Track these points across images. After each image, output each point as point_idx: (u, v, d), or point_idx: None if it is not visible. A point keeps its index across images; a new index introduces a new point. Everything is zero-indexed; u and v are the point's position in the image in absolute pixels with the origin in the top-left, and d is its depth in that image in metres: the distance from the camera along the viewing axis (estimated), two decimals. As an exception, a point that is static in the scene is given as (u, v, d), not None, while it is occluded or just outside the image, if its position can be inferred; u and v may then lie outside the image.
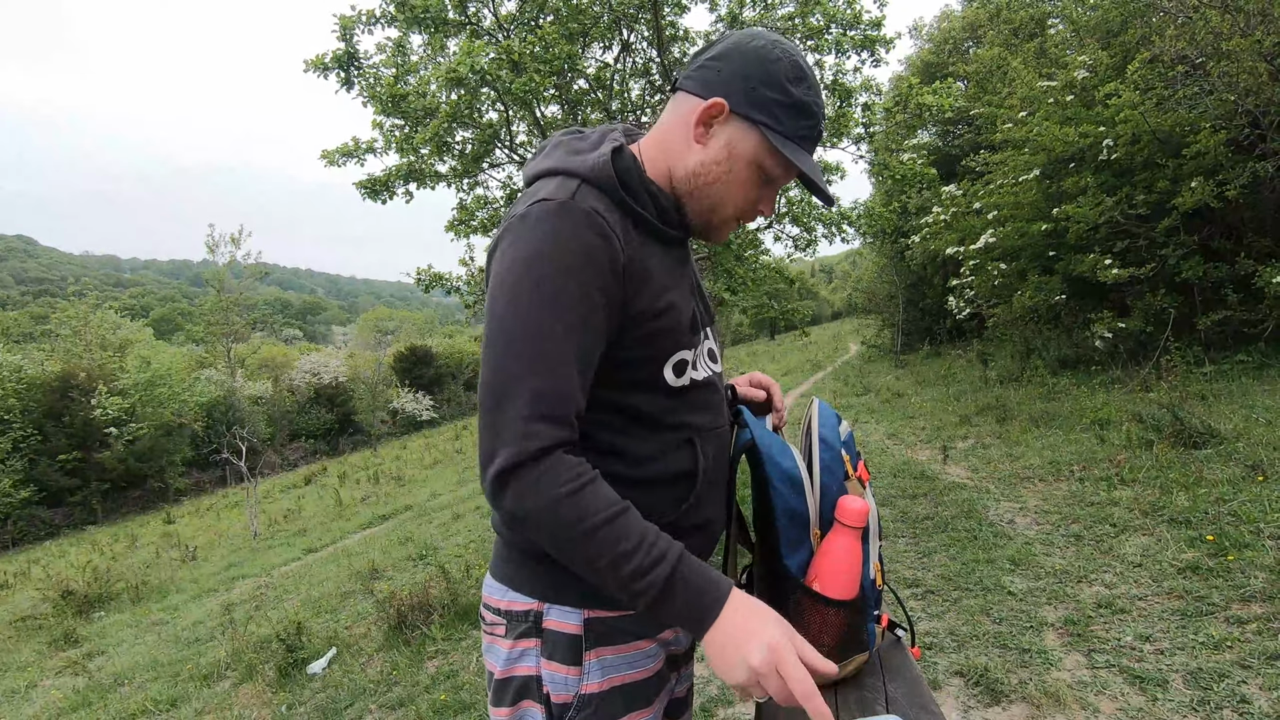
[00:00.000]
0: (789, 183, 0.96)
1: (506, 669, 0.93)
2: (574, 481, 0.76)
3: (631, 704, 0.91)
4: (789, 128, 0.87)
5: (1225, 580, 2.84)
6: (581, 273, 0.80)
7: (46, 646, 6.95)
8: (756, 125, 0.86)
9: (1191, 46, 6.67)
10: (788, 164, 0.88)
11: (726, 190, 0.90)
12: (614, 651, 0.91)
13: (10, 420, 20.61)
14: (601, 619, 0.90)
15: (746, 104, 0.86)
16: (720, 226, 0.96)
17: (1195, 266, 6.78)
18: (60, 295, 40.32)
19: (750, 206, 0.93)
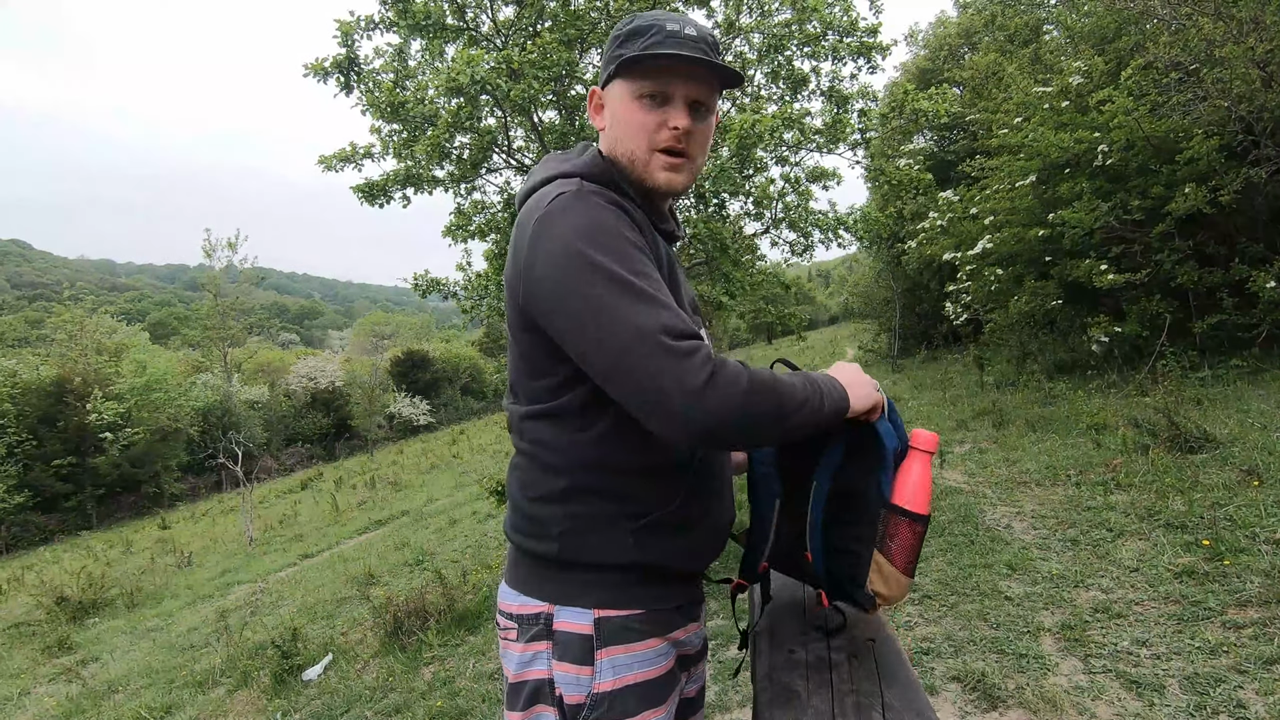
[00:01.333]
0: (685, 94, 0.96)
1: (519, 673, 0.95)
2: (743, 370, 0.82)
3: (644, 703, 0.91)
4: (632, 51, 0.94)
5: (1221, 585, 2.84)
6: (625, 231, 0.88)
7: (40, 653, 6.90)
8: (614, 78, 0.97)
9: (1185, 53, 6.72)
10: (655, 78, 0.94)
11: (627, 133, 0.97)
12: (625, 650, 0.92)
13: (4, 425, 20.50)
14: (610, 618, 0.92)
15: (605, 75, 0.99)
16: (648, 167, 0.98)
17: (1190, 272, 6.82)
18: (56, 299, 40.13)
19: (656, 129, 0.96)
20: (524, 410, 0.98)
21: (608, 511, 0.94)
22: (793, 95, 4.75)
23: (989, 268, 9.16)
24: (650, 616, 0.94)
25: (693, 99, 0.96)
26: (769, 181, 4.79)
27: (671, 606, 0.98)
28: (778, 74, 4.67)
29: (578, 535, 0.94)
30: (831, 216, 4.76)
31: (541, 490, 0.97)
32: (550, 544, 0.95)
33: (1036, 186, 8.33)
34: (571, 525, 0.95)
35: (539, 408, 0.96)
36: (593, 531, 0.94)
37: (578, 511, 0.95)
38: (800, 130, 4.29)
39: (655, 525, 0.95)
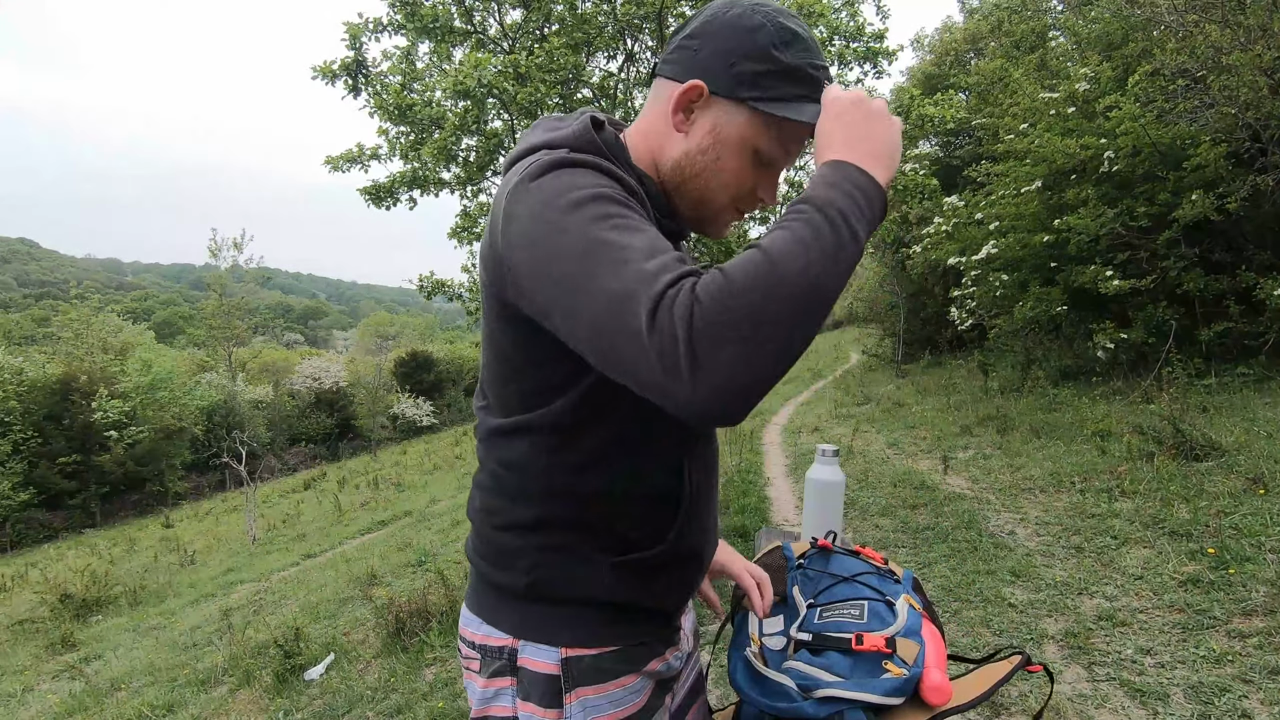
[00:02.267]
0: (795, 160, 0.84)
1: (481, 708, 0.88)
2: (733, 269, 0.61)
3: None
4: (783, 95, 0.77)
5: (1226, 594, 2.83)
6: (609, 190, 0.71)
7: (43, 650, 6.93)
8: (743, 103, 0.77)
9: (1192, 60, 6.70)
10: (787, 138, 0.80)
11: (716, 179, 0.81)
12: (595, 691, 0.84)
13: (10, 423, 20.60)
14: (580, 657, 0.83)
15: (729, 82, 0.77)
16: (715, 219, 0.87)
17: (1196, 279, 6.80)
18: (62, 298, 40.36)
19: (747, 194, 0.84)
20: (495, 423, 0.85)
21: (585, 546, 0.84)
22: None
23: (994, 273, 9.14)
24: (624, 653, 0.86)
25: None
26: (774, 185, 4.80)
27: (644, 639, 0.89)
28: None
29: (548, 570, 0.84)
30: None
31: (509, 518, 0.86)
32: (517, 576, 0.85)
33: (1042, 192, 8.32)
34: (542, 559, 0.84)
35: (512, 420, 0.82)
36: (566, 567, 0.84)
37: (550, 544, 0.84)
38: (805, 134, 4.29)
39: (639, 563, 0.85)
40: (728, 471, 7.01)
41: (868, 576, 1.23)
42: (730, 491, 6.12)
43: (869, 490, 5.68)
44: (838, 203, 0.65)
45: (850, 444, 7.72)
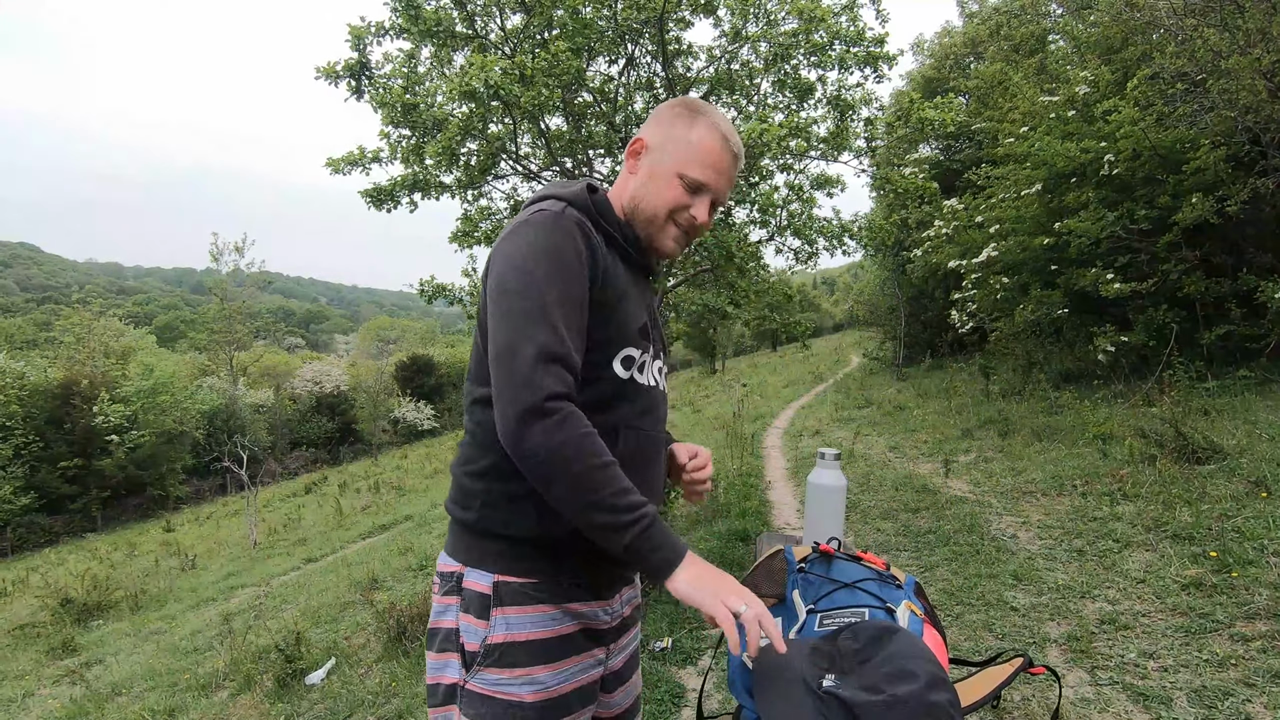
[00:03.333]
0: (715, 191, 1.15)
1: (435, 621, 1.10)
2: (588, 427, 0.94)
3: (533, 658, 1.03)
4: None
5: (1229, 597, 2.83)
6: (571, 262, 1.01)
7: (44, 655, 6.93)
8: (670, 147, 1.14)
9: (1191, 64, 6.71)
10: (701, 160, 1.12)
11: (657, 201, 1.14)
12: (517, 611, 1.04)
13: (12, 427, 20.60)
14: (507, 583, 1.05)
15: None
16: (660, 235, 1.16)
17: (1197, 282, 6.79)
18: (64, 302, 40.42)
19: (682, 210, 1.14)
20: (475, 393, 1.11)
21: (521, 490, 1.04)
22: (799, 104, 4.77)
23: (994, 276, 9.14)
24: (544, 585, 1.06)
25: (716, 201, 1.17)
26: (773, 189, 4.80)
27: (569, 580, 1.08)
28: (784, 83, 4.69)
29: (492, 508, 1.07)
30: (836, 224, 4.76)
31: (472, 466, 1.10)
32: (471, 514, 1.09)
33: (1042, 195, 8.33)
34: (488, 499, 1.08)
35: (483, 390, 1.06)
36: (504, 507, 1.07)
37: (495, 488, 1.07)
38: (805, 138, 4.30)
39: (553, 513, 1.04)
40: (729, 475, 7.00)
41: (869, 583, 1.23)
42: (731, 495, 6.11)
43: (870, 494, 5.68)
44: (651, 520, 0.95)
45: (851, 447, 7.72)
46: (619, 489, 0.94)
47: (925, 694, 0.91)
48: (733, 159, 1.15)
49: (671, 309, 5.48)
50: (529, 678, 1.03)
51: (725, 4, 4.63)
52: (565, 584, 1.08)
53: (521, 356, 0.94)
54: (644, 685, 2.93)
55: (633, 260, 1.17)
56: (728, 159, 1.14)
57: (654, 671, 3.07)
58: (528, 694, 1.02)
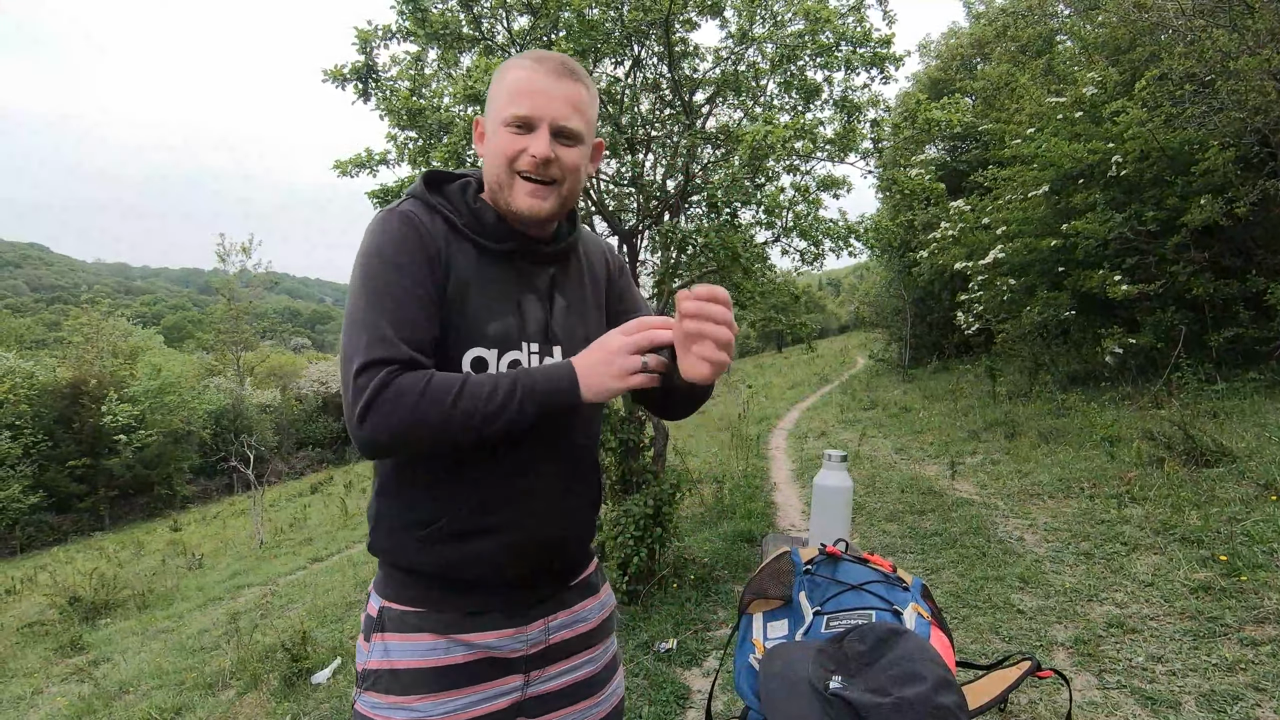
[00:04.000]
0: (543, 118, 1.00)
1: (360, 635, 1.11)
2: (420, 381, 0.90)
3: (410, 688, 1.00)
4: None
5: (1238, 601, 2.81)
6: (395, 254, 0.97)
7: (52, 653, 6.96)
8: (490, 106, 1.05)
9: (1200, 65, 6.68)
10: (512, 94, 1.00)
11: (494, 161, 1.02)
12: (399, 638, 1.02)
13: (21, 426, 20.74)
14: (391, 608, 1.04)
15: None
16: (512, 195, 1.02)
17: (1205, 284, 6.75)
18: (73, 302, 40.67)
19: (517, 155, 1.00)
20: None
21: (401, 516, 1.03)
22: (805, 105, 4.77)
23: (1001, 277, 9.11)
24: (429, 614, 1.03)
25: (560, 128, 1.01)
26: (779, 190, 4.81)
27: (461, 610, 1.03)
28: (790, 84, 4.69)
29: (379, 532, 1.06)
30: (842, 225, 4.75)
31: (372, 484, 1.10)
32: (369, 533, 1.09)
33: (1049, 197, 8.30)
34: (376, 523, 1.06)
35: None
36: (389, 531, 1.05)
37: (381, 510, 1.06)
38: (811, 140, 4.30)
39: (440, 535, 1.01)
40: (734, 476, 7.00)
41: (875, 585, 1.22)
42: (737, 496, 6.10)
43: (876, 495, 5.66)
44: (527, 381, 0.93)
45: (857, 449, 7.70)
46: (484, 396, 0.90)
47: (932, 696, 0.91)
48: (550, 75, 1.00)
49: (676, 310, 5.48)
50: (405, 706, 1.00)
51: (732, 5, 4.63)
52: (455, 614, 1.03)
53: (350, 366, 0.91)
54: (650, 687, 2.94)
55: (485, 245, 1.04)
56: (543, 78, 0.99)
57: (659, 673, 3.07)
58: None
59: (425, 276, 0.97)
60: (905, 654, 0.98)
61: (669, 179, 4.77)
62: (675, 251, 4.24)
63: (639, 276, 4.80)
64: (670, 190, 4.68)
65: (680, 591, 3.96)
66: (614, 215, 4.80)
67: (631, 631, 3.59)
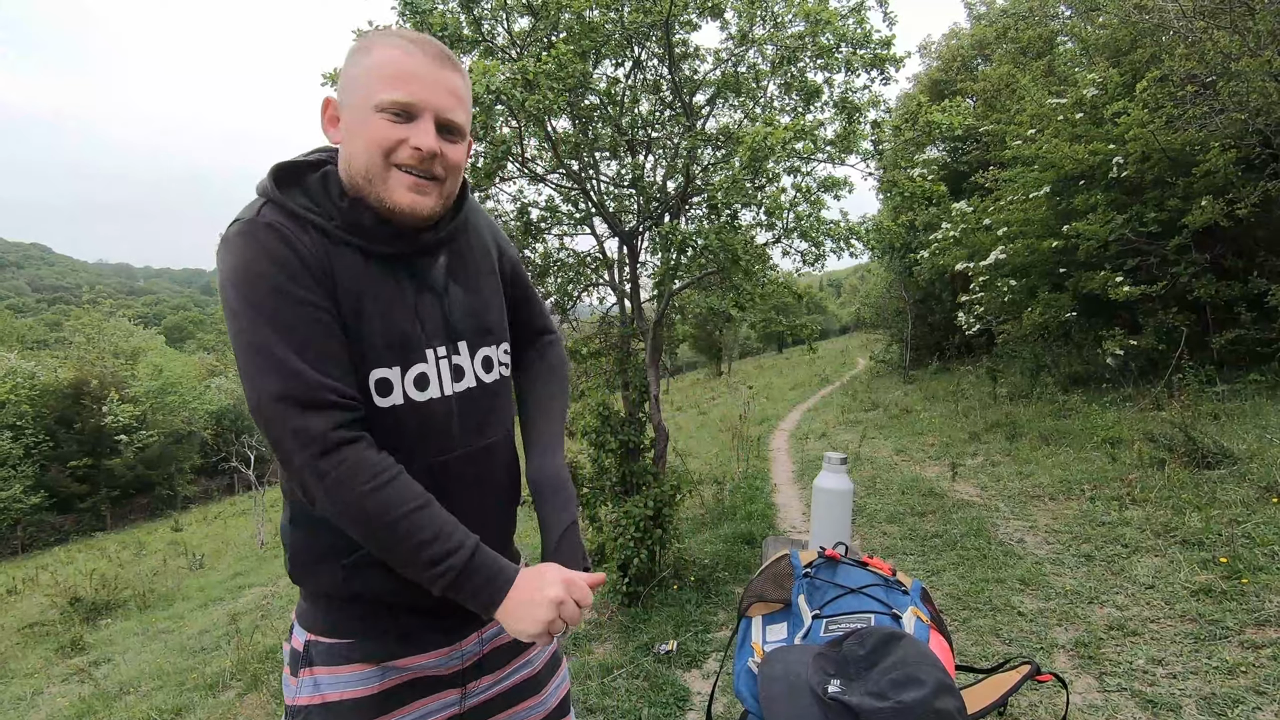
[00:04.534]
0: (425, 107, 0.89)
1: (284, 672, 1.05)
2: (375, 479, 0.83)
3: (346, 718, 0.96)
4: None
5: (1239, 604, 2.80)
6: (277, 280, 0.83)
7: (53, 653, 6.97)
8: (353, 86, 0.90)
9: (1201, 66, 6.68)
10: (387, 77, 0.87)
11: (362, 152, 0.89)
12: (328, 671, 0.97)
13: (23, 426, 20.79)
14: (318, 642, 0.98)
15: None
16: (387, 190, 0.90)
17: (1207, 285, 6.75)
18: (75, 303, 40.76)
19: (396, 147, 0.88)
20: None
21: (321, 544, 0.95)
22: (805, 107, 4.77)
23: (1002, 279, 9.11)
24: (360, 645, 0.97)
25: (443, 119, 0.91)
26: (780, 191, 4.81)
27: (392, 635, 0.99)
28: (791, 85, 4.69)
29: (299, 564, 0.98)
30: (844, 226, 4.75)
31: (284, 514, 1.02)
32: (287, 564, 1.01)
33: (1051, 198, 8.29)
34: (294, 553, 0.99)
35: None
36: (309, 561, 0.97)
37: (299, 540, 0.98)
38: (812, 141, 4.30)
39: (365, 560, 0.93)
40: (734, 477, 6.99)
41: (875, 589, 1.22)
42: (737, 498, 6.10)
43: (876, 497, 5.66)
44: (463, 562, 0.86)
45: (857, 450, 7.69)
46: (419, 541, 0.83)
47: (932, 700, 0.91)
48: (432, 61, 0.89)
49: (677, 311, 5.48)
50: None
51: (732, 6, 4.63)
52: (386, 640, 0.98)
53: (267, 415, 0.81)
54: (649, 688, 2.94)
55: (379, 250, 0.92)
56: (424, 63, 0.88)
57: (659, 675, 3.07)
58: None
59: (325, 300, 0.86)
60: (904, 658, 0.98)
61: (669, 180, 4.77)
62: (675, 253, 4.24)
63: (639, 278, 4.81)
64: (670, 192, 4.68)
65: (680, 593, 3.96)
66: (614, 217, 4.80)
67: (631, 633, 3.59)
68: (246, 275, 0.84)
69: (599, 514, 4.39)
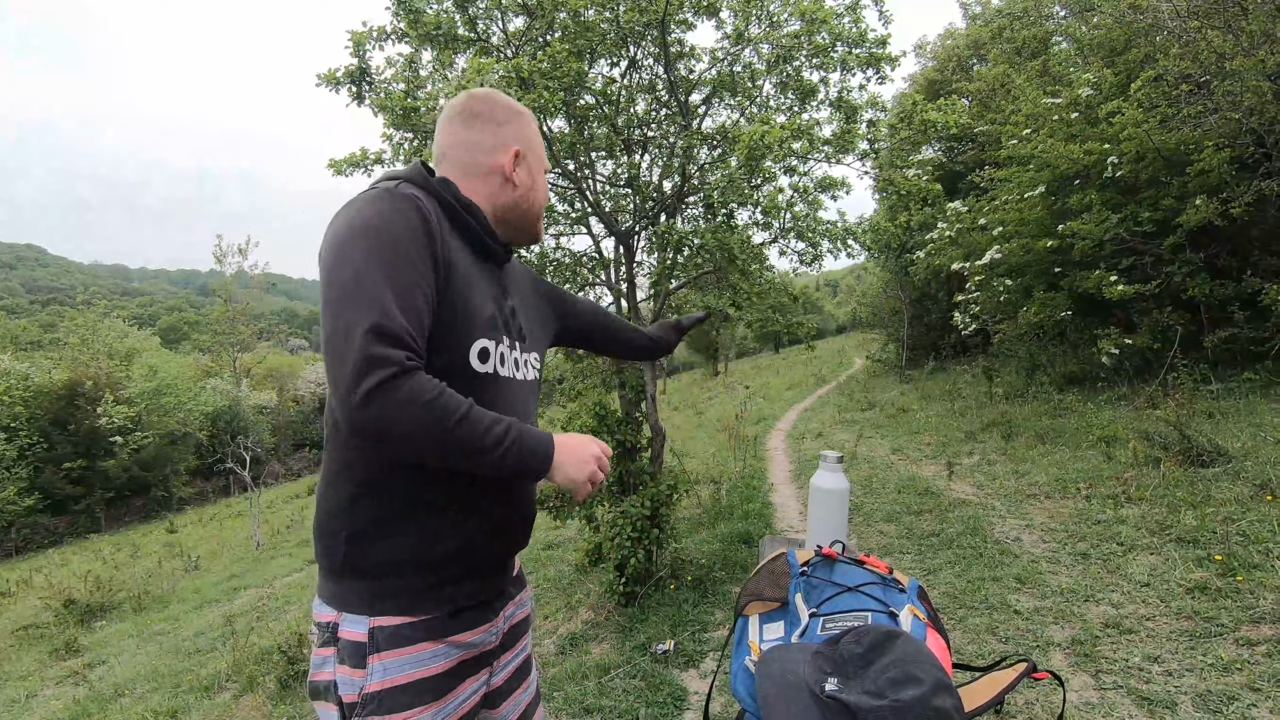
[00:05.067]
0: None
1: (314, 673, 1.05)
2: (433, 390, 0.90)
3: (414, 699, 1.01)
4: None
5: (1234, 601, 2.81)
6: (404, 239, 0.96)
7: (48, 655, 6.94)
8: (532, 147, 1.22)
9: (1195, 66, 6.70)
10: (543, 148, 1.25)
11: (542, 200, 1.25)
12: (395, 654, 1.01)
13: (17, 428, 20.68)
14: (383, 627, 1.01)
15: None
16: (538, 227, 1.27)
17: (1202, 284, 6.77)
18: (69, 304, 40.54)
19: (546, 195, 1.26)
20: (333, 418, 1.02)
21: (392, 510, 1.02)
22: (801, 106, 4.77)
23: (998, 278, 9.13)
24: (421, 624, 1.03)
25: None
26: (777, 191, 4.81)
27: (446, 612, 1.06)
28: (786, 85, 4.69)
29: (365, 540, 1.02)
30: (840, 226, 4.76)
31: (333, 502, 1.04)
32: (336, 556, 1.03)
33: (1046, 198, 8.31)
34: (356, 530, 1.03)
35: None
36: (376, 535, 1.02)
37: (364, 516, 1.02)
38: (809, 140, 4.30)
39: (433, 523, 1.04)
40: (731, 477, 6.99)
41: (872, 587, 1.22)
42: (734, 497, 6.10)
43: (873, 496, 5.67)
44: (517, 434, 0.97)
45: (854, 449, 7.70)
46: (481, 431, 0.93)
47: (929, 699, 0.91)
48: None
49: (674, 311, 5.47)
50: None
51: (728, 5, 4.64)
52: (444, 617, 1.05)
53: (354, 343, 0.87)
54: (647, 688, 2.93)
55: (481, 248, 1.14)
56: None
57: (656, 674, 3.06)
58: None
59: (429, 273, 0.98)
60: (902, 656, 0.98)
61: (665, 180, 4.77)
62: (672, 252, 4.24)
63: (636, 277, 4.80)
64: (667, 191, 4.68)
65: (677, 593, 3.96)
66: (610, 216, 4.79)
67: (629, 633, 3.58)
68: (380, 226, 0.95)
69: (596, 514, 4.39)
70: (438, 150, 1.18)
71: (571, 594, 4.51)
